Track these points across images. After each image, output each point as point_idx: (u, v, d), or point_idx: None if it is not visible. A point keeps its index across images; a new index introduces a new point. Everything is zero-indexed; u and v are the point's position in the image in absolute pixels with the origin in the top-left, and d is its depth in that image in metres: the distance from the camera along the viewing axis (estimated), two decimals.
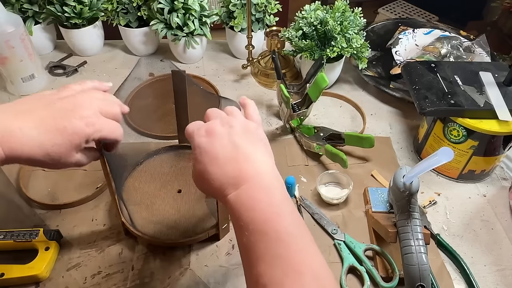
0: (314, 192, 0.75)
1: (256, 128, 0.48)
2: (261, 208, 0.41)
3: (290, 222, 0.41)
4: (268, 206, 0.41)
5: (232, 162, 0.44)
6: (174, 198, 0.69)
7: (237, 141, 0.45)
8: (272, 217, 0.41)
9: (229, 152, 0.44)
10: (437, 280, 0.61)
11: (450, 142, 0.73)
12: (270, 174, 0.44)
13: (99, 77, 1.00)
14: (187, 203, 0.68)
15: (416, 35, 1.06)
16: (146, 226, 0.65)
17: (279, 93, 0.85)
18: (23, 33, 0.87)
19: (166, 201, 0.68)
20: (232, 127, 0.46)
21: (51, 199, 0.72)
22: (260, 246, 0.39)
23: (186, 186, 0.70)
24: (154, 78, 0.97)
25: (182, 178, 0.72)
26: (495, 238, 0.69)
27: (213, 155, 0.44)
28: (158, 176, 0.72)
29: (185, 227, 0.65)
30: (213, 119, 0.48)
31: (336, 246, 0.66)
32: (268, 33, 0.99)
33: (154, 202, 0.68)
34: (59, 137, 0.43)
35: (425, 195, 0.75)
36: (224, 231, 0.67)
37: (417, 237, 0.56)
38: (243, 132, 0.46)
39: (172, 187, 0.70)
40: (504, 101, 0.71)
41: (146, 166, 0.73)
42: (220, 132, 0.45)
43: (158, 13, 0.95)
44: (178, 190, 0.70)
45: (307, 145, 0.81)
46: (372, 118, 0.91)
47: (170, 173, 0.73)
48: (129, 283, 0.61)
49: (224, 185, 0.43)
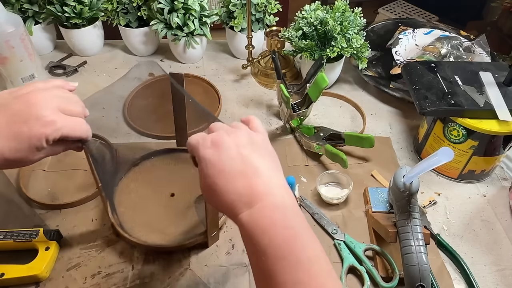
0: (314, 192, 0.75)
1: (263, 140, 0.46)
2: (277, 230, 0.39)
3: (307, 241, 0.40)
4: (284, 229, 0.39)
5: (242, 177, 0.41)
6: (167, 202, 0.68)
7: (245, 153, 0.43)
8: (290, 239, 0.39)
9: (238, 165, 0.42)
10: (437, 280, 0.61)
11: (450, 142, 0.73)
12: (281, 190, 0.42)
13: (99, 77, 1.00)
14: (179, 208, 0.67)
15: (416, 35, 1.06)
16: (134, 229, 0.64)
17: (279, 93, 0.85)
18: (23, 33, 0.87)
19: (158, 204, 0.67)
20: (239, 138, 0.44)
21: (51, 199, 0.72)
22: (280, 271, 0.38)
23: (180, 190, 0.69)
24: (154, 78, 0.97)
25: (177, 181, 0.71)
26: (495, 238, 0.69)
27: (220, 167, 0.42)
28: (152, 178, 0.71)
29: (174, 232, 0.64)
30: (217, 131, 0.46)
31: (336, 246, 0.66)
32: (268, 33, 0.99)
33: (146, 205, 0.67)
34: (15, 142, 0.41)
35: (425, 195, 0.75)
36: (214, 239, 0.65)
37: (417, 237, 0.56)
38: (250, 144, 0.44)
39: (165, 190, 0.69)
40: (504, 101, 0.71)
41: (142, 167, 0.73)
42: (227, 144, 0.43)
43: (158, 13, 0.95)
44: (171, 193, 0.69)
45: (307, 145, 0.81)
46: (372, 118, 0.91)
47: (164, 176, 0.72)
48: (129, 283, 0.61)
49: (235, 202, 0.41)
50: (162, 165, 0.74)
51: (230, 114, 0.92)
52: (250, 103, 0.95)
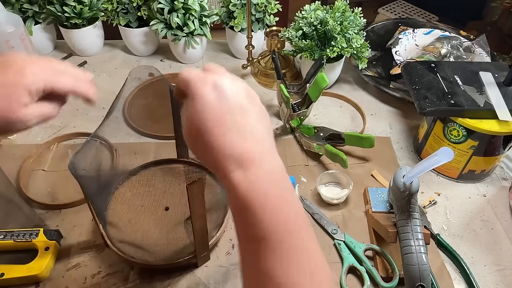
0: (314, 192, 0.75)
1: (257, 97, 0.41)
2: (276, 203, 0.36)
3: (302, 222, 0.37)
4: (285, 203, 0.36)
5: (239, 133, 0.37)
6: (160, 216, 0.65)
7: (245, 106, 0.38)
8: (290, 216, 0.36)
9: (238, 118, 0.37)
10: (437, 280, 0.61)
11: (450, 142, 0.73)
12: (278, 160, 0.38)
13: (99, 77, 1.00)
14: (171, 224, 0.64)
15: (416, 35, 1.06)
16: (124, 242, 0.62)
17: (279, 93, 0.85)
18: (23, 33, 0.87)
19: (151, 218, 0.65)
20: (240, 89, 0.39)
21: (51, 199, 0.72)
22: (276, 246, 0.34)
23: (175, 204, 0.66)
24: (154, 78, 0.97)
25: (173, 195, 0.68)
26: (495, 238, 0.69)
27: (219, 113, 0.37)
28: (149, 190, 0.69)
29: (164, 250, 0.62)
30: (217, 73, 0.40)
31: (336, 246, 0.66)
32: (268, 33, 0.99)
33: (139, 217, 0.65)
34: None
35: (425, 195, 0.75)
36: (203, 259, 0.63)
37: (417, 237, 0.56)
38: (248, 97, 0.39)
39: (160, 203, 0.67)
40: (504, 101, 0.71)
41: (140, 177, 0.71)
42: (230, 90, 0.38)
43: (158, 13, 0.95)
44: (165, 207, 0.66)
45: (307, 145, 0.81)
46: (372, 118, 0.91)
47: (161, 188, 0.69)
48: (129, 283, 0.61)
49: (227, 157, 0.36)
50: (160, 176, 0.72)
51: None
52: None
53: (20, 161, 0.78)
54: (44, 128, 0.86)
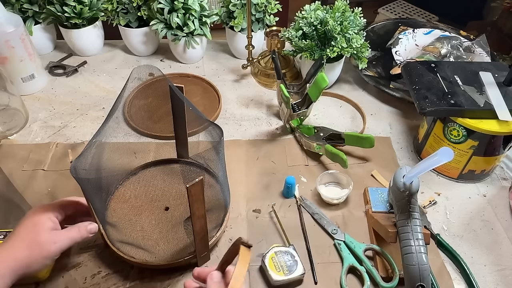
0: (314, 192, 0.75)
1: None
2: None
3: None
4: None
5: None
6: (160, 216, 0.66)
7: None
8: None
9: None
10: (437, 280, 0.61)
11: (450, 142, 0.73)
12: None
13: (99, 77, 1.00)
14: (171, 224, 0.65)
15: (416, 35, 1.05)
16: (124, 242, 0.62)
17: (279, 93, 0.85)
18: (23, 33, 0.87)
19: (151, 218, 0.65)
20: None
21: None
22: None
23: (175, 204, 0.67)
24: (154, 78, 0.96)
25: (173, 195, 0.68)
26: (495, 238, 0.69)
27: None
28: (148, 189, 0.70)
29: (164, 250, 0.62)
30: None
31: (336, 246, 0.66)
32: (268, 33, 0.99)
33: (139, 217, 0.65)
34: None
35: (425, 195, 0.75)
36: (204, 259, 0.63)
37: (417, 237, 0.56)
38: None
39: (160, 203, 0.67)
40: (504, 101, 0.71)
41: (139, 177, 0.71)
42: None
43: (158, 13, 0.95)
44: (165, 207, 0.67)
45: (307, 145, 0.81)
46: (372, 118, 0.91)
47: (161, 188, 0.70)
48: (129, 283, 0.61)
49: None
50: (160, 176, 0.72)
51: (230, 114, 0.92)
52: (250, 103, 0.95)
53: (20, 161, 0.78)
54: (44, 128, 0.86)
